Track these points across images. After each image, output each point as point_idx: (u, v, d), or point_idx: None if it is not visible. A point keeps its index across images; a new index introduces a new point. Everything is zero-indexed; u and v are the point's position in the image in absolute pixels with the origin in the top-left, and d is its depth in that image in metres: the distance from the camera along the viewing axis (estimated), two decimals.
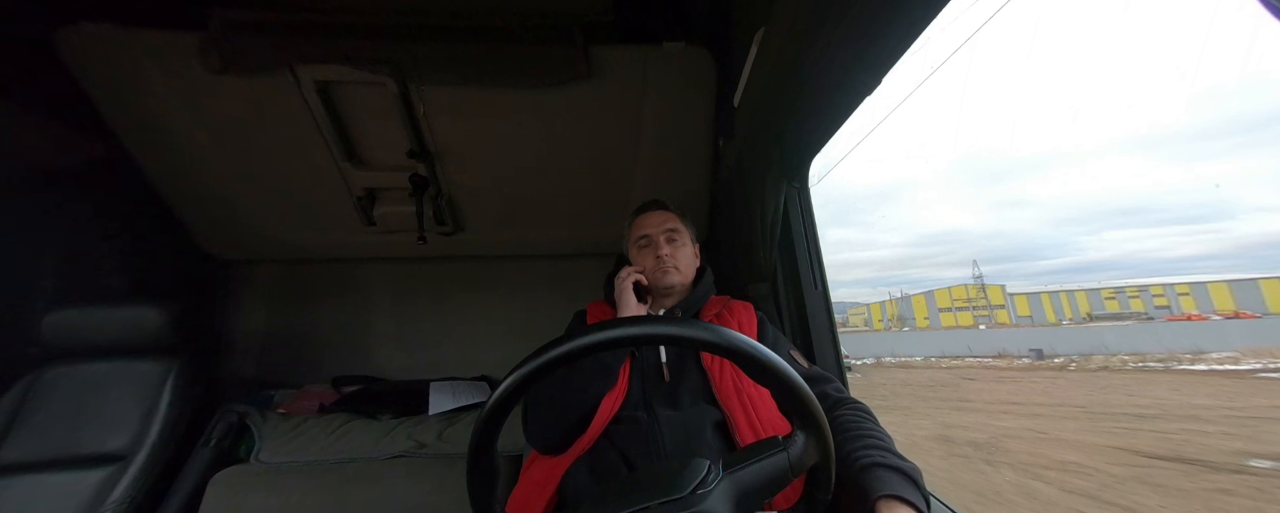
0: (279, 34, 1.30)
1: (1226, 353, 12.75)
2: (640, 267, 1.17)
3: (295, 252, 2.00)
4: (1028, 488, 4.15)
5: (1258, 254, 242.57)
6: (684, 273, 1.16)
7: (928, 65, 4.59)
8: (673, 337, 0.54)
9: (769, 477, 0.54)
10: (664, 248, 1.16)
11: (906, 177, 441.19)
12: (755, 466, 0.53)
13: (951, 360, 17.75)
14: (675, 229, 1.20)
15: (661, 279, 1.14)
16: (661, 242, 1.17)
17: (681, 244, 1.19)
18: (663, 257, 1.15)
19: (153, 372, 1.49)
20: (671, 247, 1.17)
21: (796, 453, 0.54)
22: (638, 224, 1.23)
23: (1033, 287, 67.97)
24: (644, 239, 1.20)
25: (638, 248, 1.21)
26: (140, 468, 1.38)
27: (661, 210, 1.24)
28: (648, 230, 1.20)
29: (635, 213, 1.27)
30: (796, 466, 0.54)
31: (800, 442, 0.55)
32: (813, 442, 0.55)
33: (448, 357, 2.07)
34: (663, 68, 1.43)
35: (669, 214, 1.24)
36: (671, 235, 1.19)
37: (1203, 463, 4.51)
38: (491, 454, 0.57)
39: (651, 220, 1.21)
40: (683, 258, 1.17)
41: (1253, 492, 3.81)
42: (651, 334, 0.54)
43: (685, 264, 1.17)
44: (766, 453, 0.54)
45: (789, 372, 0.54)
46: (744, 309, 1.16)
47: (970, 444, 5.66)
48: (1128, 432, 5.78)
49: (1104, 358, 14.49)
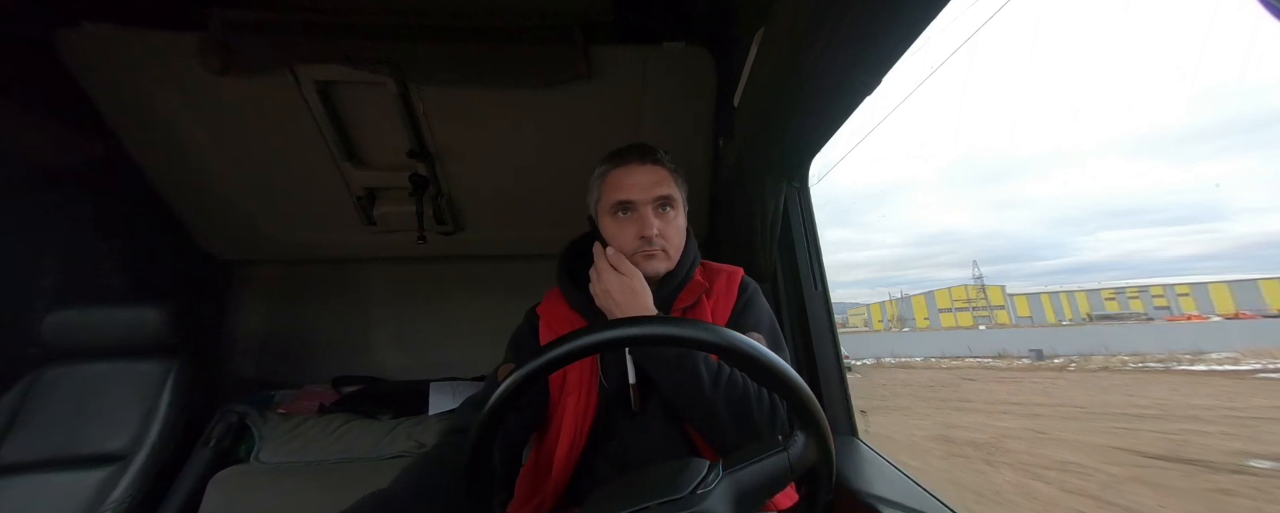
0: (279, 34, 1.30)
1: (1226, 353, 12.76)
2: (612, 242, 0.88)
3: (295, 252, 2.00)
4: (1028, 488, 4.15)
5: (1254, 254, 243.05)
6: (674, 256, 0.89)
7: (927, 66, 4.58)
8: (672, 337, 0.54)
9: (769, 477, 0.53)
10: (653, 225, 0.86)
11: (904, 177, 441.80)
12: (755, 465, 0.53)
13: (951, 361, 17.75)
14: (669, 196, 0.88)
15: (647, 266, 0.86)
16: (650, 215, 0.86)
17: (676, 215, 0.90)
18: (652, 238, 0.85)
19: (153, 372, 1.49)
20: (664, 220, 0.88)
21: (797, 453, 0.54)
22: (614, 183, 0.89)
23: (1033, 287, 67.94)
24: (624, 208, 0.88)
25: (612, 216, 0.89)
26: (140, 468, 1.38)
27: (650, 163, 0.89)
28: (630, 194, 0.87)
29: (612, 163, 0.91)
30: (797, 465, 0.54)
31: (800, 442, 0.55)
32: (813, 442, 0.55)
33: (448, 356, 2.07)
34: (662, 68, 1.43)
35: (660, 171, 0.89)
36: (664, 204, 0.88)
37: (1203, 463, 4.50)
38: (491, 454, 0.57)
39: (636, 179, 0.87)
40: (675, 236, 0.89)
41: (1253, 492, 3.80)
42: (652, 335, 0.54)
43: (677, 244, 0.90)
44: (767, 453, 0.54)
45: (790, 374, 0.54)
46: (726, 286, 0.94)
47: (970, 444, 5.66)
48: (1127, 432, 5.77)
49: (1104, 358, 14.50)
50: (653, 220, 0.86)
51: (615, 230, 0.89)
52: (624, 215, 0.88)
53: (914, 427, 6.83)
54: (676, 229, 0.90)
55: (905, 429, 6.65)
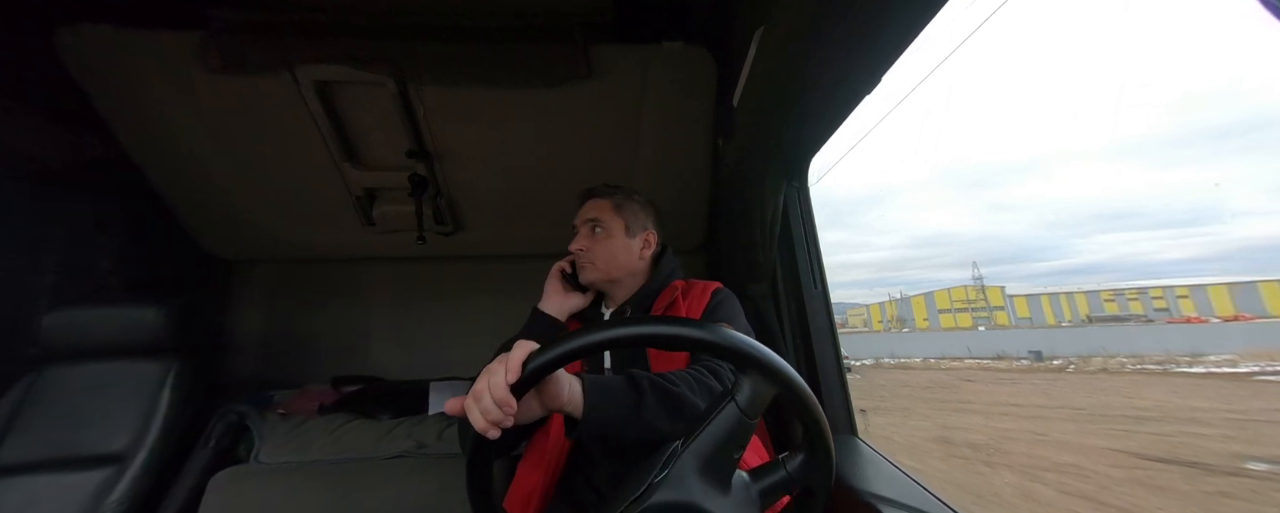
0: (278, 34, 1.30)
1: (1225, 355, 12.79)
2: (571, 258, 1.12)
3: (295, 251, 2.00)
4: (1026, 489, 4.18)
5: (1249, 257, 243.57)
6: (602, 268, 1.08)
7: (925, 67, 4.59)
8: (674, 337, 0.54)
9: (727, 431, 0.53)
10: (580, 241, 1.09)
11: (901, 179, 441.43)
12: (708, 427, 0.53)
13: (951, 362, 17.76)
14: (596, 219, 1.10)
15: (580, 274, 1.10)
16: (580, 234, 1.10)
17: (605, 236, 1.09)
18: (576, 251, 1.09)
19: (152, 372, 1.48)
20: (591, 240, 1.09)
21: (745, 398, 0.54)
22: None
23: (1032, 288, 68.01)
24: (575, 229, 1.13)
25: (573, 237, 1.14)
26: (139, 468, 1.37)
27: (592, 198, 1.15)
28: (576, 220, 1.13)
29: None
30: (749, 409, 0.54)
31: (747, 388, 0.54)
32: (762, 382, 0.54)
33: (448, 356, 2.06)
34: (662, 67, 1.43)
35: (599, 202, 1.13)
36: (593, 225, 1.10)
37: (1201, 465, 4.52)
38: (490, 455, 0.57)
39: (583, 209, 1.14)
40: (603, 252, 1.08)
41: (1250, 494, 3.83)
42: (651, 334, 0.54)
43: (604, 258, 1.08)
44: (715, 410, 0.54)
45: (760, 351, 0.54)
46: (701, 293, 1.06)
47: (969, 446, 5.68)
48: (1126, 434, 5.81)
49: (1103, 360, 14.52)
50: (580, 238, 1.10)
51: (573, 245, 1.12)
52: (574, 235, 1.12)
53: (913, 428, 6.86)
54: (607, 246, 1.08)
55: (904, 430, 6.68)
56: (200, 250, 1.92)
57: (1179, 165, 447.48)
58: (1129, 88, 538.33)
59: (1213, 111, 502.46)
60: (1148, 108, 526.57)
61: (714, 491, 0.52)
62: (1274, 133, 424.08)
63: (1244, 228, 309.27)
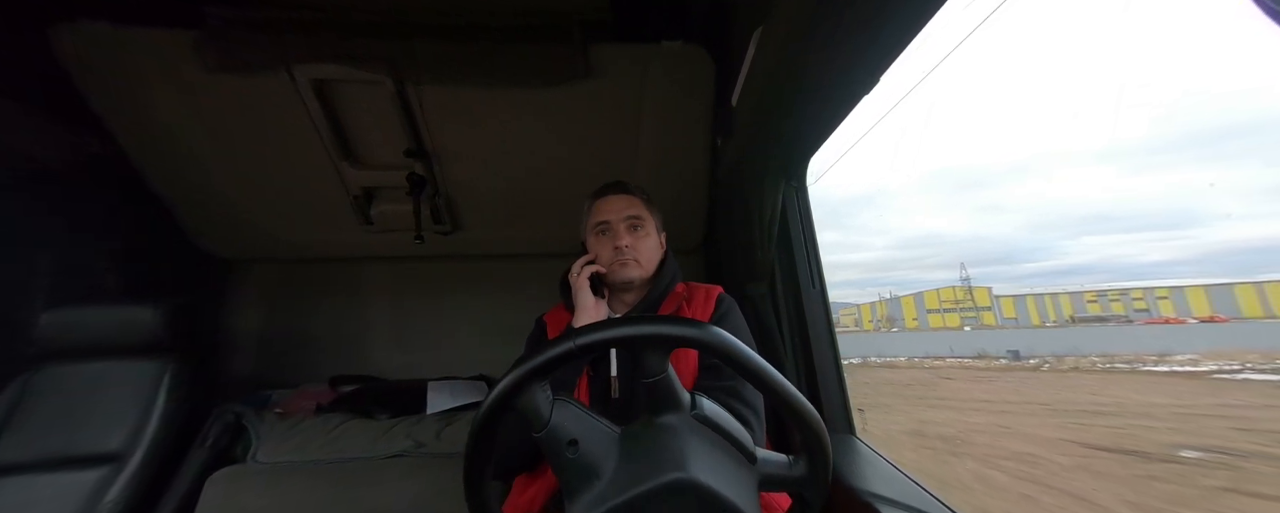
0: (275, 32, 1.29)
1: (1188, 355, 13.19)
2: (595, 256, 1.05)
3: (292, 251, 1.99)
4: (984, 476, 4.62)
5: (1225, 260, 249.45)
6: (645, 266, 1.04)
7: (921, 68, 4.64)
8: (673, 337, 0.55)
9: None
10: (624, 237, 1.03)
11: (893, 181, 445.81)
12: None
13: (934, 361, 17.94)
14: (639, 216, 1.06)
15: (620, 273, 1.02)
16: (622, 230, 1.04)
17: (645, 233, 1.06)
18: (622, 248, 1.02)
19: (149, 371, 1.48)
20: (634, 236, 1.04)
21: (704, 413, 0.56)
22: (597, 208, 1.09)
23: (1019, 289, 68.90)
24: (603, 226, 1.06)
25: (595, 235, 1.07)
26: (136, 468, 1.37)
27: (624, 194, 1.09)
28: (607, 216, 1.06)
29: (595, 195, 1.13)
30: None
31: (706, 407, 0.57)
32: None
33: (445, 356, 2.06)
34: (661, 67, 1.43)
35: (632, 198, 1.09)
36: (634, 223, 1.06)
37: (1140, 454, 5.00)
38: (489, 454, 0.57)
39: (612, 205, 1.07)
40: (645, 249, 1.05)
41: (1175, 477, 4.35)
42: (651, 334, 0.54)
43: (647, 256, 1.05)
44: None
45: (771, 373, 0.55)
46: (705, 298, 1.06)
47: (939, 438, 6.03)
48: (1081, 427, 6.21)
49: (1076, 359, 14.87)
50: (624, 233, 1.04)
51: (597, 246, 1.06)
52: (603, 234, 1.06)
53: (891, 422, 7.23)
54: (648, 244, 1.06)
55: (882, 425, 7.03)
56: (198, 250, 1.91)
57: (1165, 168, 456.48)
58: (1125, 90, 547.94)
59: (1200, 116, 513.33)
60: (1142, 109, 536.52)
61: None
62: (1265, 138, 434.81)
63: (1225, 231, 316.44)
